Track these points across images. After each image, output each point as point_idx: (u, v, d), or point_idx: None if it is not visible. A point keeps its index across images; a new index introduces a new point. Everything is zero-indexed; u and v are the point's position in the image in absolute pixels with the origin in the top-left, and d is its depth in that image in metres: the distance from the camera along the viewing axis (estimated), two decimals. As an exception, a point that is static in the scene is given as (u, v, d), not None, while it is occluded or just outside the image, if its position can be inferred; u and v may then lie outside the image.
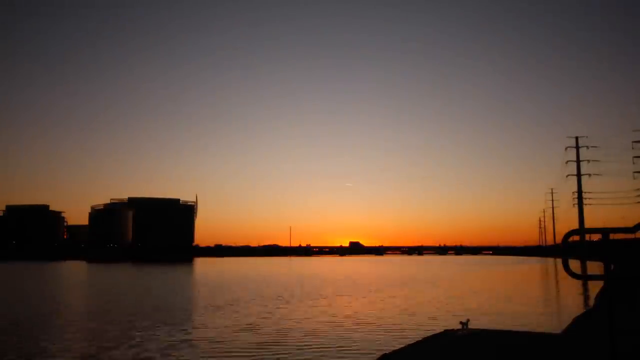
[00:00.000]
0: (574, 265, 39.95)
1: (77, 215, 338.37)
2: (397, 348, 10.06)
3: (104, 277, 56.06)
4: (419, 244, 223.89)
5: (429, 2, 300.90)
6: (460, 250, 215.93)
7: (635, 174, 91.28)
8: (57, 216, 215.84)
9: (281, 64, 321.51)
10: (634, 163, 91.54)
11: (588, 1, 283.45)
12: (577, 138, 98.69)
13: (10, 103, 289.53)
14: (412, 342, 10.57)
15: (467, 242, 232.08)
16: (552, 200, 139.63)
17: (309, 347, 15.11)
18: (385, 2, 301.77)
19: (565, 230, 4.58)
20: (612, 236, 4.53)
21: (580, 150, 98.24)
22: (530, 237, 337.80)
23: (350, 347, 15.12)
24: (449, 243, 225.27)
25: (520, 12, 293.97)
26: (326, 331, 17.97)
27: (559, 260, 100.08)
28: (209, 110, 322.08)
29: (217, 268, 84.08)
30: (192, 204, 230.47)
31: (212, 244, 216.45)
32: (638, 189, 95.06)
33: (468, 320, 11.54)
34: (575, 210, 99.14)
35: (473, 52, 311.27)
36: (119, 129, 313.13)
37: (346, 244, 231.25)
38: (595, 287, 32.29)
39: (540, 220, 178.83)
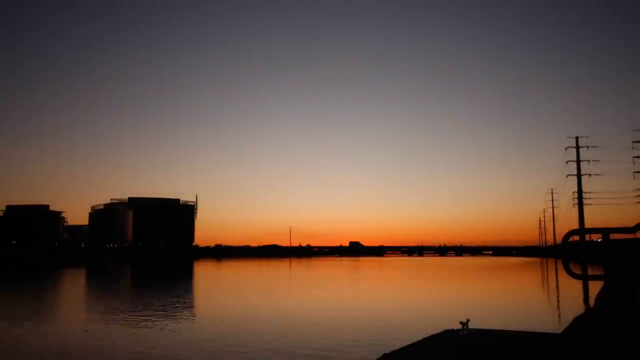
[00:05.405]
0: (574, 265, 39.86)
1: (77, 215, 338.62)
2: (397, 348, 10.06)
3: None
4: (419, 244, 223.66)
5: (428, 4, 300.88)
6: (460, 250, 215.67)
7: (635, 174, 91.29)
8: (57, 216, 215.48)
9: (282, 65, 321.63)
10: (634, 163, 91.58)
11: (588, 1, 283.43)
12: (577, 138, 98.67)
13: (10, 103, 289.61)
14: (412, 342, 10.57)
15: (467, 242, 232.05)
16: (552, 200, 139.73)
17: (309, 347, 15.11)
18: (391, 8, 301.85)
19: (565, 230, 4.58)
20: (612, 236, 4.50)
21: (580, 150, 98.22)
22: (530, 237, 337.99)
23: (351, 347, 15.12)
24: (449, 243, 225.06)
25: (521, 12, 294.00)
26: (326, 331, 17.96)
27: (559, 261, 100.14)
28: (209, 111, 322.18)
29: (217, 275, 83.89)
30: (192, 204, 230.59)
31: (212, 244, 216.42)
32: (638, 189, 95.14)
33: (468, 320, 11.51)
34: (575, 210, 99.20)
35: (472, 52, 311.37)
36: (119, 129, 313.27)
37: (346, 244, 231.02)
38: (595, 287, 32.28)
39: (540, 220, 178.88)
